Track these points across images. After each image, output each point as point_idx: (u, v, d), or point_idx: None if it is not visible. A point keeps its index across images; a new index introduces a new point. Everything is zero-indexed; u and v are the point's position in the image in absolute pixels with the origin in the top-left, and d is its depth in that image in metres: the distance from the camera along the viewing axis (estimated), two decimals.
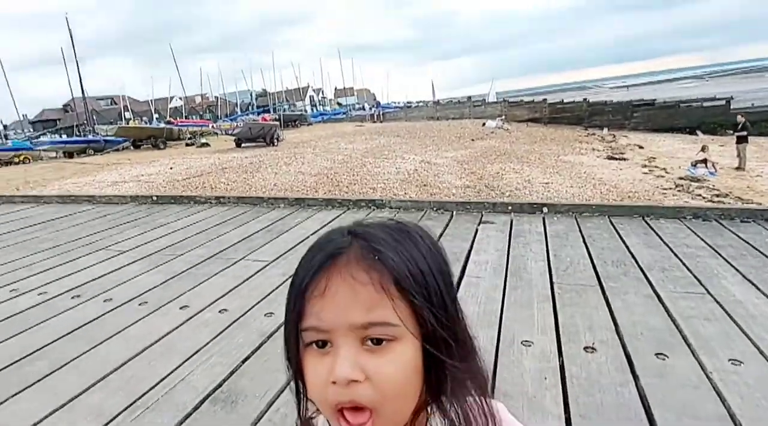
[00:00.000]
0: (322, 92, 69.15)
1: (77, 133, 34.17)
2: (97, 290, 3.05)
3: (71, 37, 31.61)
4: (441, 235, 3.77)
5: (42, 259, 3.85)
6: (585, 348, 1.96)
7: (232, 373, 1.97)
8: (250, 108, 52.14)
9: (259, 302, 2.70)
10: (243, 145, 18.74)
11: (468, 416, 0.48)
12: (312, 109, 56.32)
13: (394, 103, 64.91)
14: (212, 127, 32.58)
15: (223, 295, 2.83)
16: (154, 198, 5.98)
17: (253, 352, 2.13)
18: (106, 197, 6.35)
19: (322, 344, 0.46)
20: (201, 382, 1.91)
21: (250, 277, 3.13)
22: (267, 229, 4.33)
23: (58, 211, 5.81)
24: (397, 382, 0.45)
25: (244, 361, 2.06)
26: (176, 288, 2.99)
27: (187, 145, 24.46)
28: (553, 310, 2.35)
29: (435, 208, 4.61)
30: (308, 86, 66.23)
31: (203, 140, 24.64)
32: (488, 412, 0.50)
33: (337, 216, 4.67)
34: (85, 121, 33.49)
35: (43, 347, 2.32)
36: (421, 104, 50.72)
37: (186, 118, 42.74)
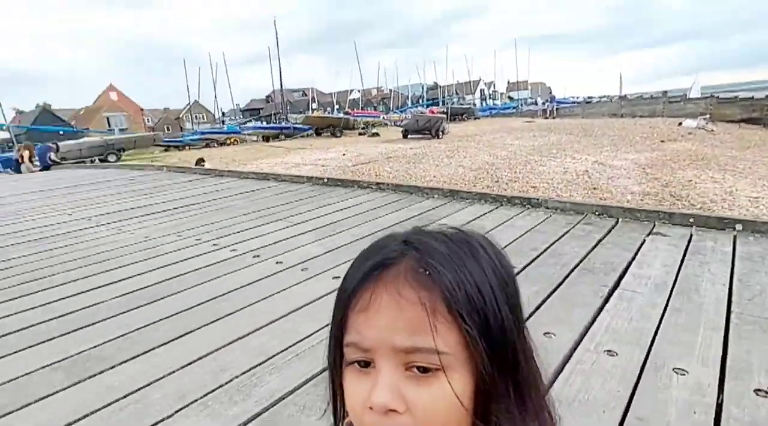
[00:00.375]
0: (494, 85, 67.81)
1: (274, 121, 40.07)
2: (272, 253, 3.61)
3: (276, 37, 36.92)
4: (599, 241, 3.47)
5: (236, 222, 4.69)
6: (756, 390, 1.65)
7: None
8: (420, 100, 54.02)
9: None
10: (409, 136, 19.55)
11: None
12: (481, 103, 55.79)
13: (572, 97, 60.18)
14: (383, 118, 34.83)
15: None
16: (325, 180, 6.72)
17: None
18: (289, 176, 7.38)
19: (365, 364, 0.43)
20: None
21: None
22: (418, 217, 4.53)
23: (252, 186, 6.94)
24: (437, 417, 0.41)
25: None
26: (332, 260, 3.36)
27: (359, 134, 26.60)
28: (724, 342, 2.01)
29: (597, 213, 4.23)
30: (479, 79, 65.67)
31: (374, 130, 26.52)
32: None
33: (489, 211, 4.63)
34: (281, 110, 38.97)
35: (229, 292, 2.86)
36: (603, 99, 46.08)
37: (362, 109, 46.43)
